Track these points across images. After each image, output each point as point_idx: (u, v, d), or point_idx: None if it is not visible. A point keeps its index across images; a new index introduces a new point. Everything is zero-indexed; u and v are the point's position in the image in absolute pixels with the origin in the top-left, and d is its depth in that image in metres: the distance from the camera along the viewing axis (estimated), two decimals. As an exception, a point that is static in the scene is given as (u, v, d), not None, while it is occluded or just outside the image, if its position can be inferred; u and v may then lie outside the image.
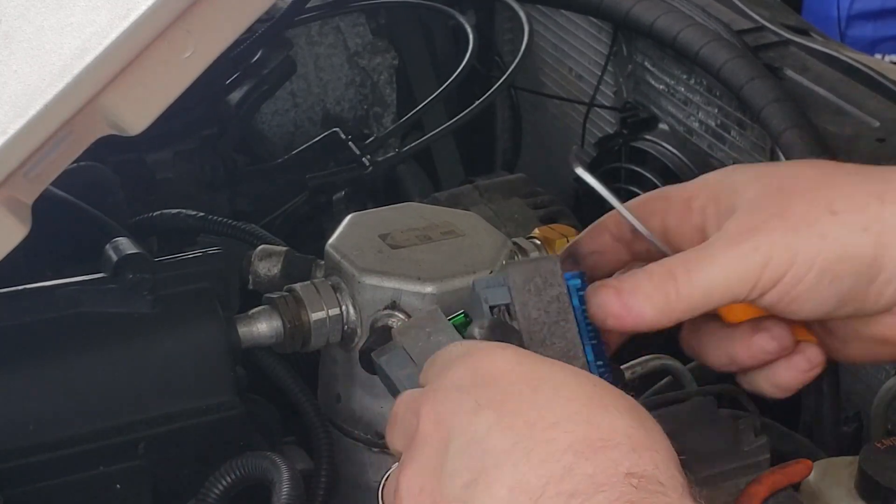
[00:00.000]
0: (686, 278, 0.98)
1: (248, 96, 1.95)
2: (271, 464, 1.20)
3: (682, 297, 0.98)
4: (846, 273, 0.98)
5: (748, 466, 1.34)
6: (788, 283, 0.98)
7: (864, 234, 0.97)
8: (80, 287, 1.22)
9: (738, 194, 1.01)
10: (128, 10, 0.80)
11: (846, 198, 0.98)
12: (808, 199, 0.98)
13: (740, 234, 0.98)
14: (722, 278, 0.98)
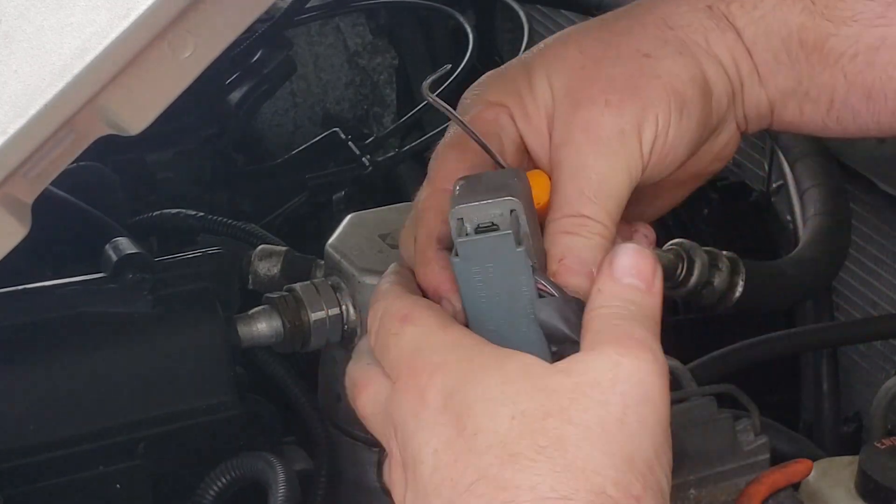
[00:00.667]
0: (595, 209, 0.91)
1: (248, 96, 1.95)
2: (267, 464, 1.20)
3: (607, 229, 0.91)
4: (694, 99, 0.94)
5: (748, 466, 1.34)
6: (660, 143, 0.93)
7: (686, 57, 0.94)
8: (80, 287, 1.22)
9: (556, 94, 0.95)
10: (128, 10, 0.80)
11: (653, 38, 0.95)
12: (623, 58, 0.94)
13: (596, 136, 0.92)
14: (616, 184, 0.92)
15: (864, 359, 1.93)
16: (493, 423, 0.81)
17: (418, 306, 0.90)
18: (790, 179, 1.91)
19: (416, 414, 0.84)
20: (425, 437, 0.83)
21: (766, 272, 1.73)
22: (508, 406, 0.81)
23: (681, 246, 1.57)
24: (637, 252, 0.88)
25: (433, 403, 0.84)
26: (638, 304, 0.86)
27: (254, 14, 0.86)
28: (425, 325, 0.88)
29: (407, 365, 0.87)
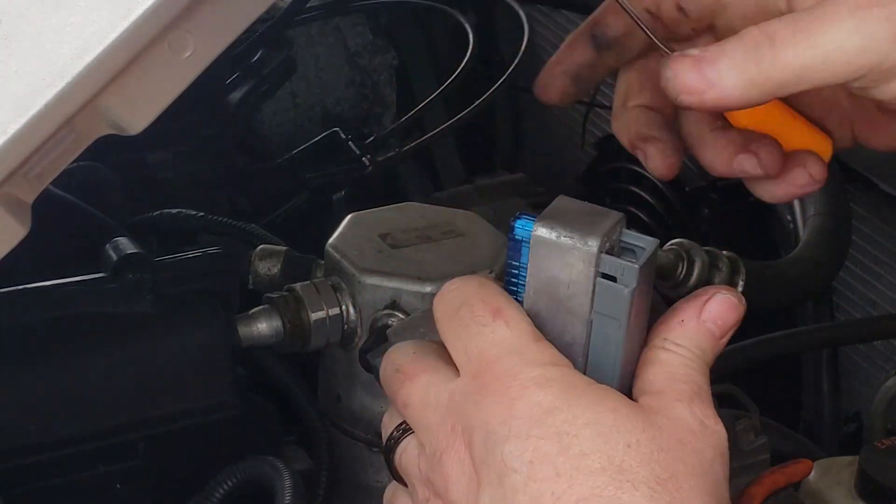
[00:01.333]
0: (791, 43, 0.81)
1: (248, 96, 1.95)
2: (273, 469, 1.20)
3: (777, 68, 0.81)
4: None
5: (748, 466, 1.34)
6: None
7: None
8: (80, 287, 1.22)
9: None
10: (128, 11, 0.80)
11: None
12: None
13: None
14: (835, 51, 0.80)
15: (864, 359, 1.93)
16: (606, 446, 0.82)
17: (510, 305, 0.88)
18: (790, 179, 1.91)
19: (504, 421, 0.83)
20: (518, 448, 0.83)
21: (766, 272, 1.73)
22: (624, 434, 0.82)
23: (681, 246, 1.57)
24: (730, 305, 0.91)
25: (528, 416, 0.83)
26: (705, 353, 0.88)
27: (254, 14, 0.86)
28: (519, 331, 0.87)
29: (494, 365, 0.85)
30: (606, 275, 0.85)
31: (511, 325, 0.86)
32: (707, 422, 0.85)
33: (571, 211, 0.87)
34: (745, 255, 1.66)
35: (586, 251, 0.85)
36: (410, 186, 2.20)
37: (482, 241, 1.33)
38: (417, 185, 2.21)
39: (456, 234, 1.33)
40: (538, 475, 0.81)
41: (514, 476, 0.82)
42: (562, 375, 0.85)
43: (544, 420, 0.82)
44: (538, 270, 0.87)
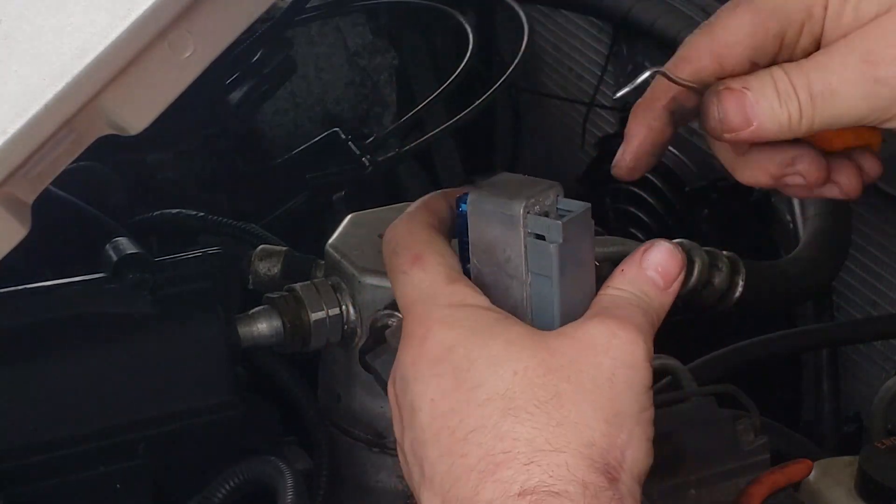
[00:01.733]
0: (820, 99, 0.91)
1: (248, 96, 1.95)
2: (275, 469, 1.20)
3: (805, 120, 0.92)
4: None
5: (748, 466, 1.34)
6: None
7: None
8: (80, 287, 1.22)
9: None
10: (128, 11, 0.80)
11: None
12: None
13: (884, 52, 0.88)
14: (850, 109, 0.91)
15: (864, 359, 1.93)
16: (494, 377, 0.86)
17: (430, 251, 0.93)
18: (790, 179, 1.91)
19: (413, 362, 0.89)
20: (422, 387, 0.88)
21: (766, 272, 1.73)
22: (512, 363, 0.86)
23: (681, 246, 1.57)
24: (670, 253, 0.92)
25: (431, 354, 0.88)
26: (649, 297, 0.91)
27: (254, 14, 0.86)
28: (433, 274, 0.91)
29: (411, 310, 0.91)
30: (537, 235, 0.90)
31: (427, 270, 0.92)
32: (619, 333, 0.87)
33: (507, 182, 0.93)
34: (745, 255, 1.66)
35: (513, 213, 0.90)
36: (410, 186, 2.20)
37: (482, 241, 1.33)
38: (417, 185, 2.21)
39: (456, 234, 1.34)
40: (437, 411, 0.87)
41: (419, 415, 0.88)
42: (468, 315, 0.89)
43: (444, 358, 0.88)
44: (477, 239, 0.92)
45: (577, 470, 0.83)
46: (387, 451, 1.31)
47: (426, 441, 0.87)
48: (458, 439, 0.85)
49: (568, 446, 0.84)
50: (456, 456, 0.85)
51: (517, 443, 0.84)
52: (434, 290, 0.91)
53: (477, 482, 0.84)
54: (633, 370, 0.87)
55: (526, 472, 0.83)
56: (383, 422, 1.30)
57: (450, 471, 0.86)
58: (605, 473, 0.84)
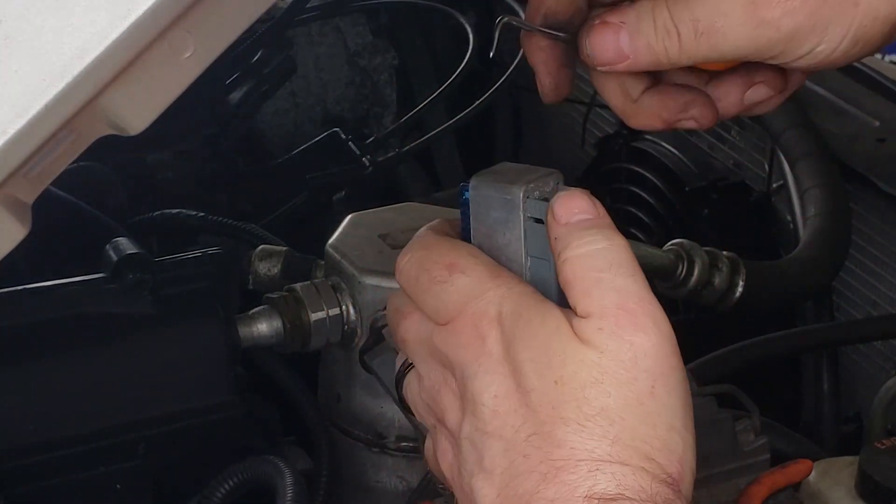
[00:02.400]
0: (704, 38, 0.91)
1: (248, 96, 1.95)
2: (275, 469, 1.20)
3: (684, 55, 0.92)
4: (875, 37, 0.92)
5: (748, 466, 1.34)
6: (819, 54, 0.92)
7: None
8: (80, 287, 1.22)
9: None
10: (128, 11, 0.80)
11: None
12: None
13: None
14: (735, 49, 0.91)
15: (864, 359, 1.93)
16: (541, 384, 0.86)
17: (462, 254, 0.92)
18: (790, 179, 1.91)
19: (476, 358, 0.89)
20: (486, 382, 0.88)
21: (767, 272, 1.73)
22: (552, 370, 0.86)
23: (681, 246, 1.57)
24: (567, 196, 0.90)
25: (494, 352, 0.88)
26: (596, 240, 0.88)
27: (254, 14, 0.86)
28: (477, 274, 0.91)
29: (462, 312, 0.90)
30: (536, 219, 0.91)
31: (468, 272, 0.91)
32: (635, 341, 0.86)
33: (508, 169, 0.94)
34: (745, 255, 1.66)
35: (512, 197, 0.91)
36: (410, 186, 2.20)
37: (482, 241, 1.33)
38: (417, 185, 2.21)
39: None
40: (501, 408, 0.87)
41: (483, 409, 0.88)
42: (515, 308, 0.89)
43: (506, 356, 0.88)
44: (479, 224, 0.93)
45: (643, 481, 0.83)
46: (387, 452, 1.31)
47: (489, 434, 0.87)
48: (521, 440, 0.86)
49: (630, 460, 0.84)
50: (518, 454, 0.86)
51: (575, 451, 0.84)
52: (481, 289, 0.90)
53: (538, 482, 0.84)
54: (669, 376, 0.86)
55: (592, 479, 0.83)
56: (383, 422, 1.30)
57: (510, 467, 0.86)
58: (670, 485, 0.84)
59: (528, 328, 0.88)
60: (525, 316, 0.88)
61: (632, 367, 0.86)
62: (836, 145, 1.92)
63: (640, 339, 0.86)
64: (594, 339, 0.87)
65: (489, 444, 0.87)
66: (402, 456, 1.31)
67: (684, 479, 0.86)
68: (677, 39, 0.91)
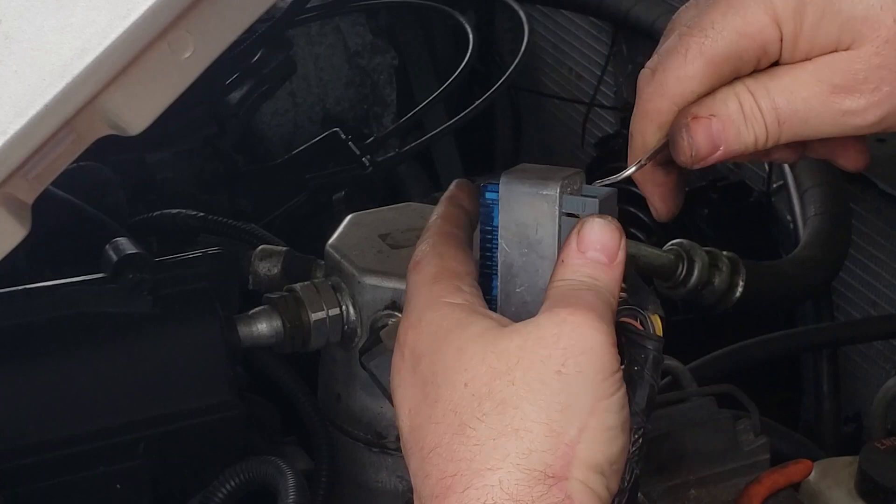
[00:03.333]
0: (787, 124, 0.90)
1: (248, 96, 1.95)
2: (276, 469, 1.20)
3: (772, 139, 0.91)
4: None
5: (748, 466, 1.34)
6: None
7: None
8: (80, 287, 1.22)
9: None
10: (128, 11, 0.80)
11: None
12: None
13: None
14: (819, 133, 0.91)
15: (864, 359, 1.93)
16: (449, 391, 0.85)
17: (431, 252, 0.92)
18: (790, 179, 1.92)
19: (397, 369, 0.89)
20: (402, 397, 0.88)
21: (766, 272, 1.73)
22: (462, 373, 0.85)
23: (681, 246, 1.57)
24: (603, 226, 0.89)
25: (407, 362, 0.88)
26: (597, 279, 0.88)
27: (254, 14, 0.86)
28: (422, 275, 0.91)
29: (404, 314, 0.91)
30: (570, 214, 0.91)
31: (419, 272, 0.92)
32: (568, 319, 0.85)
33: (533, 168, 0.94)
34: (745, 255, 1.66)
35: (549, 192, 0.91)
36: (410, 186, 2.20)
37: (482, 241, 1.33)
38: (417, 185, 2.21)
39: (456, 235, 1.34)
40: (412, 425, 0.86)
41: (401, 424, 0.87)
42: (434, 317, 0.88)
43: (416, 368, 0.87)
44: (508, 221, 0.93)
45: (510, 486, 0.81)
46: (387, 451, 1.31)
47: (407, 452, 0.87)
48: (423, 458, 0.85)
49: (504, 460, 0.82)
50: (422, 476, 0.85)
51: (460, 464, 0.83)
52: (418, 290, 0.91)
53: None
54: (587, 355, 0.83)
55: (462, 501, 0.82)
56: (383, 422, 1.30)
57: (421, 489, 0.85)
58: (542, 481, 0.81)
59: (446, 337, 0.87)
60: (445, 324, 0.87)
61: (551, 343, 0.84)
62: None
63: (574, 318, 0.85)
64: (526, 326, 0.86)
65: (409, 464, 0.87)
66: (402, 456, 1.31)
67: (576, 468, 0.82)
68: (764, 127, 0.90)
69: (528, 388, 0.83)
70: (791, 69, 0.90)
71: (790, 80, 0.90)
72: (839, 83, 0.88)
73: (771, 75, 0.91)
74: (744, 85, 0.91)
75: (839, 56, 0.89)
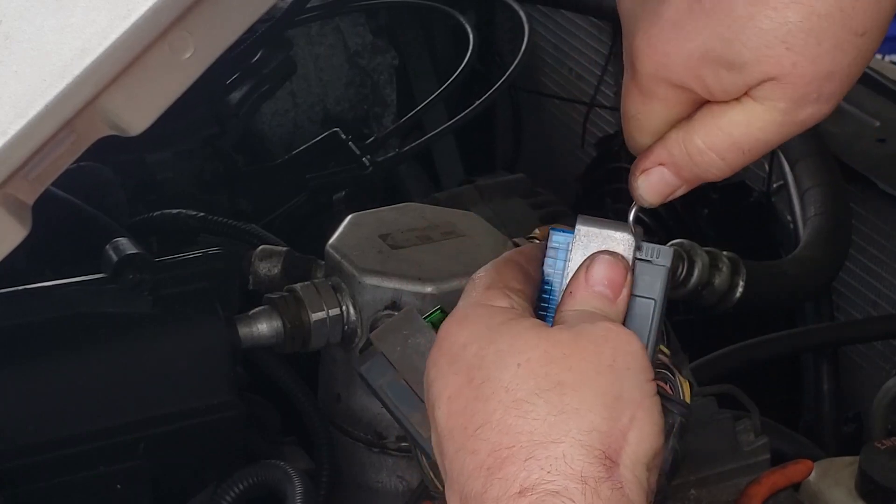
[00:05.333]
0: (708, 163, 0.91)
1: (248, 96, 1.95)
2: (284, 474, 1.20)
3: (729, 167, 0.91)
4: None
5: (748, 466, 1.34)
6: None
7: None
8: (80, 287, 1.22)
9: None
10: (128, 11, 0.80)
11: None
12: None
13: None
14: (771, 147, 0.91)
15: (864, 359, 1.93)
16: (499, 371, 0.87)
17: (489, 270, 0.95)
18: (790, 179, 1.91)
19: (434, 362, 0.91)
20: (441, 386, 0.89)
21: (767, 272, 1.73)
22: (516, 356, 0.88)
23: (681, 246, 1.57)
24: (612, 263, 0.93)
25: (448, 353, 0.90)
26: (603, 311, 0.93)
27: (254, 15, 0.86)
28: (473, 285, 0.94)
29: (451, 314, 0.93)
30: (642, 259, 0.94)
31: (475, 283, 0.94)
32: (612, 327, 0.90)
33: (597, 219, 0.97)
34: (745, 255, 1.66)
35: (626, 237, 0.94)
36: (410, 186, 2.20)
37: (482, 242, 1.33)
38: (417, 186, 2.21)
39: (456, 235, 1.34)
40: (453, 409, 0.88)
41: (437, 413, 0.89)
42: (482, 313, 0.91)
43: (459, 356, 0.89)
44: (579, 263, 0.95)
45: (573, 462, 0.84)
46: (387, 452, 1.31)
47: (443, 438, 0.89)
48: (469, 435, 0.87)
49: (567, 435, 0.85)
50: (467, 452, 0.86)
51: (520, 436, 0.85)
52: (468, 294, 0.94)
53: (486, 479, 0.85)
54: (633, 357, 0.89)
55: (525, 469, 0.84)
56: (383, 422, 1.30)
57: (463, 467, 0.87)
58: (602, 461, 0.84)
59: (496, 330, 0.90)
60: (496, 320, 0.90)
61: (602, 341, 0.88)
62: (836, 145, 1.92)
63: (616, 328, 0.90)
64: (576, 326, 0.90)
65: (445, 449, 0.88)
66: (402, 456, 1.31)
67: (626, 456, 0.86)
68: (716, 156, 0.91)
69: (585, 375, 0.87)
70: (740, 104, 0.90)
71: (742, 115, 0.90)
72: (784, 108, 0.89)
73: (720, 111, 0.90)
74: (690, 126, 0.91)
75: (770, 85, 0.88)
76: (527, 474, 0.84)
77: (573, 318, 0.91)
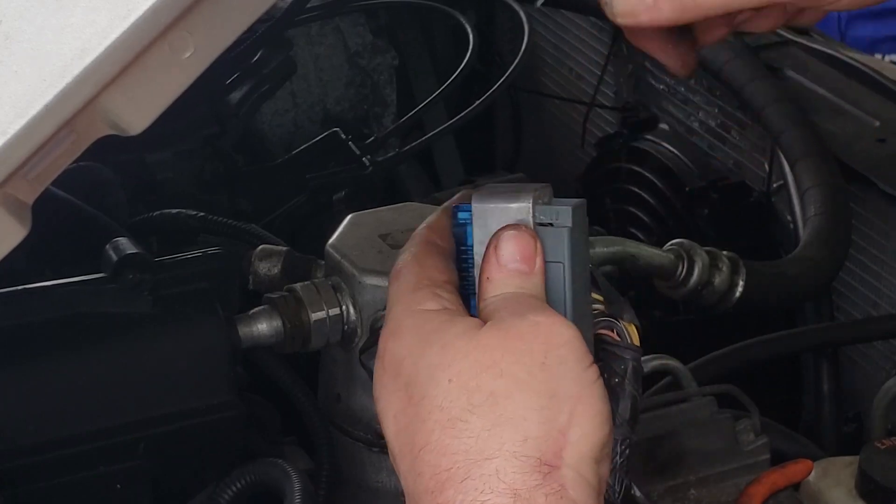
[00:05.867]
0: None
1: (248, 96, 1.95)
2: (282, 473, 1.20)
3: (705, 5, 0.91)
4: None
5: (748, 466, 1.34)
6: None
7: None
8: (80, 287, 1.22)
9: None
10: (128, 11, 0.81)
11: None
12: None
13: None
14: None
15: (864, 359, 1.93)
16: (433, 388, 0.86)
17: (412, 261, 0.93)
18: (790, 179, 1.91)
19: (379, 378, 0.90)
20: (386, 403, 0.89)
21: (767, 272, 1.73)
22: (446, 370, 0.86)
23: (681, 246, 1.57)
24: (517, 237, 0.91)
25: (388, 369, 0.89)
26: (524, 287, 0.90)
27: (254, 14, 0.86)
28: (400, 285, 0.92)
29: (384, 323, 0.92)
30: (543, 223, 0.92)
31: (399, 280, 0.93)
32: (539, 319, 0.87)
33: (500, 187, 0.96)
34: (745, 255, 1.66)
35: (522, 205, 0.92)
36: (410, 186, 2.20)
37: (482, 242, 1.33)
38: (417, 185, 2.21)
39: (456, 235, 1.34)
40: (398, 428, 0.88)
41: (387, 432, 0.88)
42: (414, 321, 0.90)
43: (398, 372, 0.88)
44: (482, 240, 0.93)
45: (506, 476, 0.83)
46: (386, 452, 1.31)
47: (395, 456, 0.88)
48: (415, 457, 0.86)
49: (500, 449, 0.83)
50: (415, 475, 0.86)
51: (456, 457, 0.84)
52: (398, 299, 0.92)
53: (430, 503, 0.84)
54: (567, 347, 0.86)
55: (462, 492, 0.83)
56: (383, 422, 1.30)
57: (414, 489, 0.86)
58: (538, 469, 0.83)
59: (427, 339, 0.88)
60: (427, 327, 0.89)
61: (531, 338, 0.86)
62: (836, 145, 1.92)
63: (544, 318, 0.87)
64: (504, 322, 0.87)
65: (398, 468, 0.88)
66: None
67: (568, 455, 0.84)
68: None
69: (517, 379, 0.85)
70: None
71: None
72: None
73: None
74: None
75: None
76: (462, 497, 0.83)
77: (498, 306, 0.89)
